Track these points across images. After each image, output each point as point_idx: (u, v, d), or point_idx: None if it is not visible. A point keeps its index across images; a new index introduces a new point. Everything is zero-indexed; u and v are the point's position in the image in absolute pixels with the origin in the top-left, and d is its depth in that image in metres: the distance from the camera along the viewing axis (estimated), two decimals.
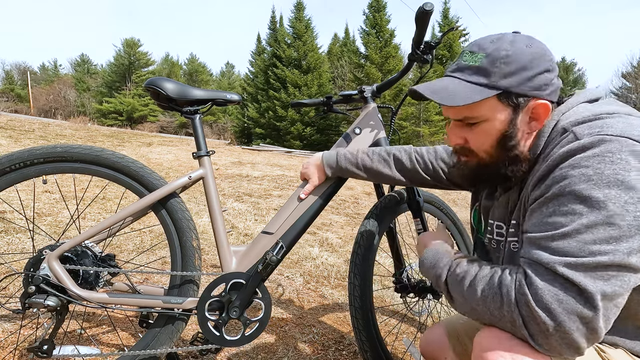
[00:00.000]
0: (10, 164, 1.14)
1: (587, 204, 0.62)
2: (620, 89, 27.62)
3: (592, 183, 0.62)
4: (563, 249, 0.63)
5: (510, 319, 0.65)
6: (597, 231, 0.61)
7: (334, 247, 3.09)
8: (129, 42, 33.45)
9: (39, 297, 1.07)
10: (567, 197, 0.64)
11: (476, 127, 0.78)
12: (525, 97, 0.74)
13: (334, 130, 21.29)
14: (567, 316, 0.60)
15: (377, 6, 21.45)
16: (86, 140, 7.83)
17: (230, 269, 1.22)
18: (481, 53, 0.75)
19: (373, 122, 1.36)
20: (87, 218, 2.96)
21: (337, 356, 1.59)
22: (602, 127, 0.67)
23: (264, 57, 24.11)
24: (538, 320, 0.62)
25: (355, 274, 1.35)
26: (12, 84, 38.23)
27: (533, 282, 0.63)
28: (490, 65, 0.73)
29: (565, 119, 0.74)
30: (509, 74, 0.72)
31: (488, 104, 0.75)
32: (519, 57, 0.72)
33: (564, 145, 0.69)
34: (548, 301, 0.61)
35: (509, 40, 0.74)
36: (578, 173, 0.64)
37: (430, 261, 0.85)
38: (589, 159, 0.64)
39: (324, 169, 1.25)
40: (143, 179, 1.20)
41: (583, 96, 0.78)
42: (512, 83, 0.72)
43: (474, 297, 0.70)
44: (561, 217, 0.64)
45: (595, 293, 0.59)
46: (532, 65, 0.72)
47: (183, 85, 1.21)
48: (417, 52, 1.24)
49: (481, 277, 0.71)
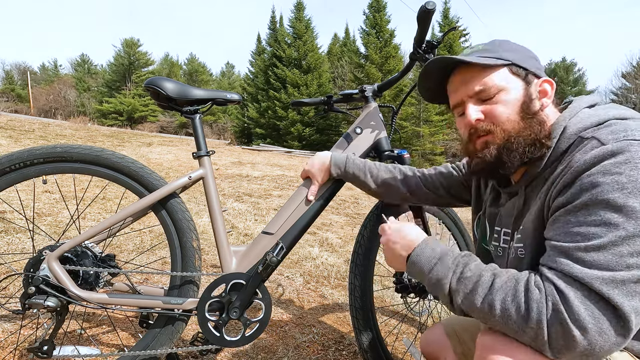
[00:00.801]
0: (10, 164, 1.14)
1: (623, 213, 0.59)
2: (620, 89, 27.64)
3: (626, 191, 0.59)
4: (598, 262, 0.60)
5: (533, 335, 0.62)
6: (634, 243, 0.58)
7: (334, 247, 3.09)
8: (128, 42, 33.45)
9: (39, 298, 1.07)
10: (599, 205, 0.61)
11: (496, 97, 0.78)
12: (530, 73, 0.79)
13: (334, 130, 21.29)
14: (601, 335, 0.59)
15: (377, 6, 21.46)
16: (86, 140, 7.83)
17: (230, 269, 1.22)
18: (480, 45, 0.83)
19: (374, 122, 1.35)
20: (87, 218, 2.96)
21: (337, 356, 1.59)
22: (626, 131, 0.65)
23: (264, 57, 24.13)
24: (570, 339, 0.59)
25: (355, 274, 1.35)
26: (12, 84, 38.23)
27: (568, 300, 0.60)
28: (493, 46, 0.81)
29: (573, 125, 0.72)
30: (510, 50, 0.80)
31: (501, 74, 0.78)
32: (512, 45, 0.82)
33: (587, 151, 0.66)
34: (585, 320, 0.58)
35: (499, 41, 0.83)
36: (610, 180, 0.61)
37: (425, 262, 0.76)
38: (621, 166, 0.61)
39: (330, 170, 1.23)
40: (143, 179, 1.20)
41: (584, 102, 0.78)
42: (517, 57, 0.79)
43: (490, 310, 0.66)
44: (595, 227, 0.61)
45: (630, 312, 0.58)
46: (524, 51, 0.81)
47: (183, 85, 1.20)
48: (418, 52, 1.24)
49: (499, 286, 0.66)
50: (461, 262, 0.73)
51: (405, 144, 19.67)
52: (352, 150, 1.32)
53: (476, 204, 1.01)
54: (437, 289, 0.74)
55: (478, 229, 0.99)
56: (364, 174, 1.21)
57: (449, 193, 1.16)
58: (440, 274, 0.73)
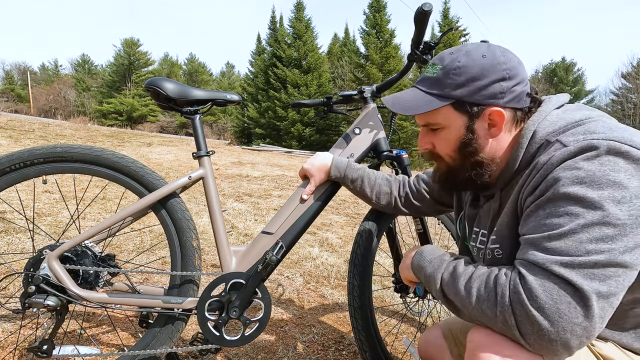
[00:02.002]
0: (10, 164, 1.14)
1: (583, 204, 0.63)
2: (620, 89, 27.62)
3: (585, 185, 0.64)
4: (559, 249, 0.64)
5: (503, 319, 0.65)
6: (593, 230, 0.62)
7: (334, 247, 3.09)
8: (128, 42, 33.46)
9: (39, 297, 1.08)
10: (562, 199, 0.65)
11: (438, 133, 0.84)
12: (479, 106, 0.77)
13: (334, 131, 21.30)
14: (561, 316, 0.61)
15: (377, 6, 21.46)
16: (86, 140, 7.83)
17: (230, 269, 1.22)
18: (439, 65, 0.80)
19: (373, 123, 1.36)
20: (87, 218, 2.96)
21: (337, 356, 1.59)
22: (586, 132, 0.70)
23: (264, 57, 24.13)
24: (532, 320, 0.62)
25: (354, 274, 1.35)
26: (12, 84, 38.24)
27: (527, 282, 0.64)
28: (444, 76, 0.79)
29: (542, 129, 0.75)
30: (460, 84, 0.77)
31: (444, 113, 0.80)
32: (470, 69, 0.76)
33: (551, 153, 0.70)
34: (542, 300, 0.62)
35: (465, 51, 0.79)
36: (570, 175, 0.65)
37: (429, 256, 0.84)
38: (579, 162, 0.66)
39: (330, 171, 1.24)
40: (143, 179, 1.20)
41: (553, 104, 0.80)
42: (464, 93, 0.77)
43: (468, 297, 0.71)
44: (558, 218, 0.65)
45: (590, 293, 0.60)
46: (484, 75, 0.76)
47: (183, 86, 1.21)
48: (416, 53, 1.24)
49: (477, 276, 0.72)
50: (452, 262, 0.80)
51: (404, 145, 19.67)
52: (351, 150, 1.32)
53: (457, 204, 1.04)
54: (431, 283, 0.81)
55: (460, 228, 1.02)
56: (362, 181, 1.22)
57: (435, 201, 1.19)
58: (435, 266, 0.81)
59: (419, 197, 1.20)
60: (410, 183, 1.23)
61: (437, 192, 1.17)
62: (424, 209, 1.22)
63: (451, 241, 1.71)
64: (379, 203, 1.23)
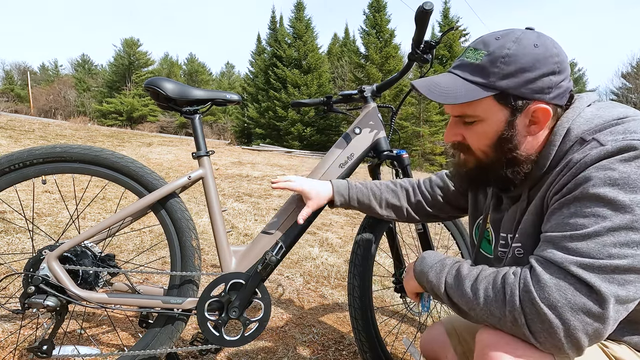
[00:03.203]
0: (10, 164, 1.14)
1: (612, 207, 0.61)
2: (620, 89, 27.63)
3: (617, 187, 0.61)
4: (580, 250, 0.61)
5: (512, 319, 0.64)
6: (619, 235, 0.60)
7: (334, 247, 3.09)
8: (128, 42, 33.46)
9: (39, 297, 1.08)
10: (590, 199, 0.63)
11: (474, 126, 0.77)
12: (524, 100, 0.72)
13: (334, 130, 21.29)
14: (574, 315, 0.59)
15: (377, 6, 21.46)
16: (86, 141, 7.83)
17: (230, 269, 1.22)
18: (483, 50, 0.73)
19: (373, 122, 1.35)
20: (87, 218, 2.96)
21: (337, 356, 1.59)
22: (625, 132, 0.66)
23: (264, 57, 24.14)
24: (543, 318, 0.60)
25: (354, 274, 1.35)
26: (12, 84, 38.24)
27: (540, 279, 0.62)
28: (490, 64, 0.71)
29: (577, 127, 0.72)
30: (508, 74, 0.70)
31: (485, 104, 0.73)
32: (521, 58, 0.70)
33: (587, 152, 0.67)
34: (555, 298, 0.60)
35: (514, 37, 0.72)
36: (603, 176, 0.62)
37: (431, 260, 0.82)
38: (615, 163, 0.63)
39: (334, 198, 1.16)
40: (142, 179, 1.20)
41: (585, 101, 0.76)
42: (511, 84, 0.70)
43: (475, 299, 0.69)
44: (583, 219, 0.63)
45: (609, 296, 0.58)
46: (535, 66, 0.70)
47: (183, 85, 1.21)
48: (416, 52, 1.24)
49: (483, 277, 0.70)
50: (455, 265, 0.78)
51: (405, 144, 19.67)
52: (351, 150, 1.32)
53: (474, 209, 1.00)
54: (435, 287, 0.78)
55: (477, 235, 0.98)
56: (368, 199, 1.15)
57: (450, 205, 1.14)
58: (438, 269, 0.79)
59: (433, 204, 1.14)
60: (422, 188, 1.16)
61: (455, 196, 1.11)
62: (436, 214, 1.16)
63: (451, 241, 1.71)
64: (390, 217, 1.17)
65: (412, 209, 1.16)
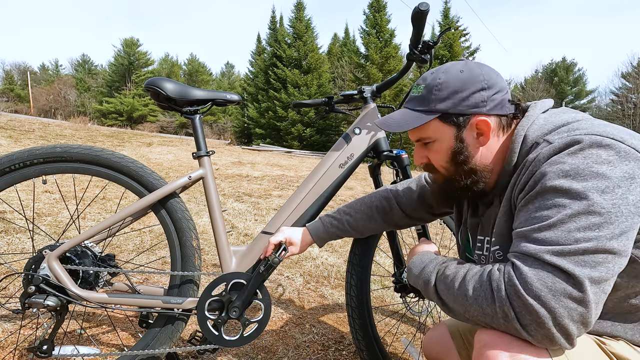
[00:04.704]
0: (10, 164, 1.14)
1: (569, 195, 0.66)
2: (620, 89, 27.63)
3: (570, 177, 0.67)
4: (549, 239, 0.66)
5: (503, 314, 0.67)
6: (579, 220, 0.65)
7: (334, 247, 3.09)
8: (128, 42, 33.47)
9: (39, 297, 1.08)
10: (549, 192, 0.69)
11: (431, 146, 0.88)
12: (464, 116, 0.82)
13: (334, 131, 21.29)
14: (558, 302, 0.62)
15: (377, 6, 21.44)
16: (86, 141, 7.83)
17: (230, 269, 1.22)
18: (422, 85, 0.86)
19: (373, 122, 1.36)
20: (87, 218, 2.96)
21: (337, 356, 1.59)
22: (570, 130, 0.74)
23: (264, 57, 24.12)
24: (530, 309, 0.64)
25: (352, 274, 1.35)
26: (12, 84, 38.23)
27: (522, 273, 0.66)
28: (428, 93, 0.84)
29: (532, 133, 0.79)
30: (443, 98, 0.82)
31: (433, 126, 0.85)
32: (451, 83, 0.82)
33: (539, 151, 0.74)
34: (538, 288, 0.63)
35: (444, 69, 0.84)
36: (556, 169, 0.69)
37: (417, 268, 0.87)
38: (564, 157, 0.69)
39: (315, 242, 1.21)
40: (143, 179, 1.20)
41: (539, 108, 0.84)
42: (448, 105, 0.82)
43: (465, 298, 0.72)
44: (546, 210, 0.68)
45: (583, 278, 0.62)
46: (464, 87, 0.81)
47: (183, 86, 1.21)
48: (415, 52, 1.25)
49: (471, 276, 0.73)
50: (442, 265, 0.82)
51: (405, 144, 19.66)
52: (351, 150, 1.32)
53: (457, 214, 1.04)
54: (427, 290, 0.82)
55: (461, 239, 1.03)
56: (344, 228, 1.20)
57: (431, 213, 1.18)
58: (426, 277, 0.83)
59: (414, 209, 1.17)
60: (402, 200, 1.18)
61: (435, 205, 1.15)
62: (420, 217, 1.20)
63: (450, 241, 1.71)
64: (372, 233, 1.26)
65: (393, 224, 1.21)
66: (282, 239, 1.16)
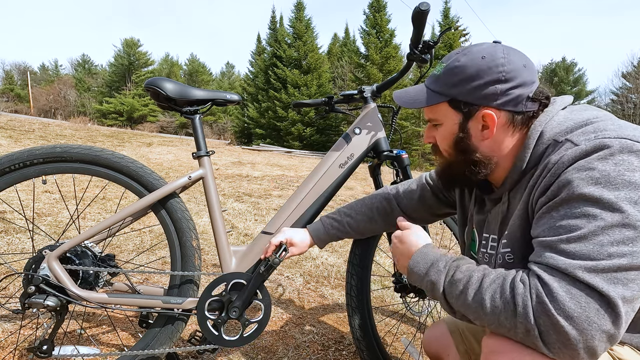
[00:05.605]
0: (10, 164, 1.14)
1: (600, 205, 0.62)
2: (620, 89, 27.62)
3: (601, 185, 0.62)
4: (580, 252, 0.61)
5: (524, 330, 0.63)
6: (613, 233, 0.60)
7: (334, 247, 3.09)
8: (128, 42, 33.45)
9: (39, 297, 1.08)
10: (578, 199, 0.64)
11: (438, 128, 0.86)
12: (473, 106, 0.79)
13: (334, 130, 21.30)
14: (591, 324, 0.59)
15: (377, 6, 21.44)
16: (86, 141, 7.83)
17: (230, 269, 1.22)
18: (444, 63, 0.83)
19: (373, 122, 1.36)
20: (87, 218, 2.96)
21: (337, 356, 1.59)
22: (596, 131, 0.68)
23: (264, 57, 24.13)
24: (559, 330, 0.60)
25: (352, 274, 1.35)
26: (12, 84, 38.23)
27: (552, 291, 0.61)
28: (444, 75, 0.81)
29: (550, 129, 0.75)
30: (456, 83, 0.79)
31: (443, 109, 0.82)
32: (467, 69, 0.77)
33: (562, 152, 0.69)
34: (571, 309, 0.59)
35: (467, 51, 0.80)
36: (585, 176, 0.64)
37: (421, 268, 0.79)
38: (593, 162, 0.64)
39: (316, 243, 1.21)
40: (143, 179, 1.20)
41: (558, 104, 0.79)
42: (459, 92, 0.79)
43: (481, 308, 0.68)
44: (575, 220, 0.63)
45: (617, 299, 0.59)
46: (479, 76, 0.76)
47: (183, 86, 1.21)
48: (415, 52, 1.25)
49: (488, 284, 0.68)
50: (452, 265, 0.76)
51: (405, 144, 19.66)
52: (351, 150, 1.32)
53: (461, 211, 1.02)
54: (433, 293, 0.77)
55: (465, 237, 1.00)
56: (345, 229, 1.20)
57: (432, 213, 1.17)
58: (433, 279, 0.76)
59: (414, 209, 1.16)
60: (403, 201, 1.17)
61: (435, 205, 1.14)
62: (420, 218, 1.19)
63: (451, 241, 1.71)
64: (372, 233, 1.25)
65: (393, 225, 1.14)
66: (282, 239, 1.16)
